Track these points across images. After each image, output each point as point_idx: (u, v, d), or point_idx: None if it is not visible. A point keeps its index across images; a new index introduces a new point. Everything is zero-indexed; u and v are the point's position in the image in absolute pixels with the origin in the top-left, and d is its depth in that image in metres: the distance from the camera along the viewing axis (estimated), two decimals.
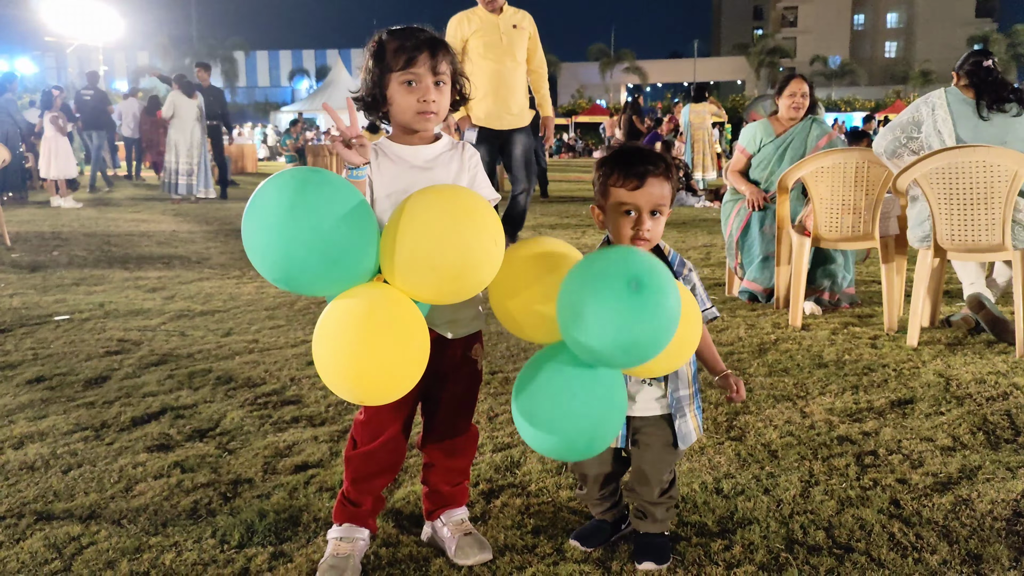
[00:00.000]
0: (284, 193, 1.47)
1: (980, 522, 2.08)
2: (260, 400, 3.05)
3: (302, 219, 1.45)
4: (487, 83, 5.50)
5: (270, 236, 1.46)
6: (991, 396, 3.05)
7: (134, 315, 4.49)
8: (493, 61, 5.60)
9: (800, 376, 3.33)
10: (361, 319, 1.50)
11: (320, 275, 1.50)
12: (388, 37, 1.80)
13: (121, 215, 10.18)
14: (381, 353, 1.50)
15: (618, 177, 1.74)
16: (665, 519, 1.91)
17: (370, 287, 1.56)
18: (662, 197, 1.74)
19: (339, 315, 1.52)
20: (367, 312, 1.51)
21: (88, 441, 2.65)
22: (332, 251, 1.47)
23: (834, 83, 58.54)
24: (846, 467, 2.42)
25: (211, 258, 6.64)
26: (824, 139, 4.78)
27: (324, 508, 2.17)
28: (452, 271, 1.51)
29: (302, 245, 1.45)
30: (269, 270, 1.49)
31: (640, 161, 1.74)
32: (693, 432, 1.88)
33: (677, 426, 1.85)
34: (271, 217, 1.46)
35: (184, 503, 2.21)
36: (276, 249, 1.46)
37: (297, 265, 1.47)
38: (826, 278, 4.65)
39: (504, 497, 2.24)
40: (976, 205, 3.59)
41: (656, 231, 1.77)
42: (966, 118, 3.81)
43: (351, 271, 1.53)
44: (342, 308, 1.53)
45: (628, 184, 1.73)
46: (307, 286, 1.53)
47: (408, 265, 1.51)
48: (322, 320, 1.54)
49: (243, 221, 1.49)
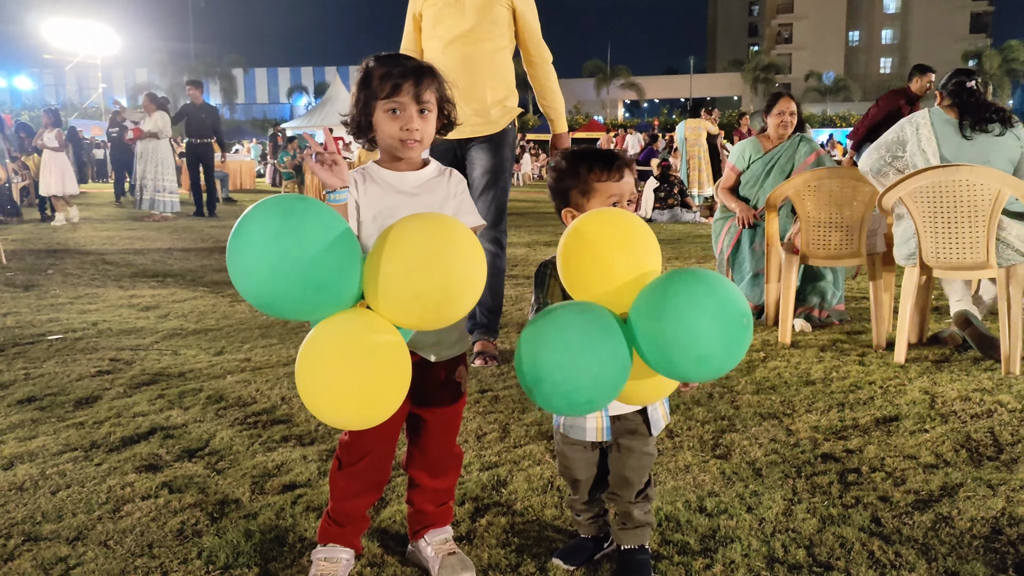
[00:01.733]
0: (269, 220, 1.50)
1: (959, 540, 2.10)
2: (250, 419, 3.07)
3: (286, 246, 1.47)
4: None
5: (254, 262, 1.48)
6: (975, 413, 3.07)
7: (127, 334, 4.51)
8: (442, 39, 3.88)
9: (787, 394, 3.35)
10: (343, 345, 1.52)
11: (303, 301, 1.52)
12: (375, 64, 1.83)
13: (117, 233, 10.21)
14: (362, 379, 1.52)
15: (601, 172, 1.85)
16: (644, 522, 1.95)
17: (353, 313, 1.58)
18: (635, 187, 1.90)
19: (321, 341, 1.55)
20: (349, 338, 1.53)
21: (77, 462, 2.66)
22: (315, 278, 1.50)
23: (829, 99, 58.87)
24: (829, 485, 2.44)
25: (206, 276, 6.67)
26: (812, 156, 4.83)
27: (310, 528, 2.18)
28: (435, 298, 1.53)
29: (285, 271, 1.47)
30: (253, 295, 1.52)
31: (612, 157, 1.88)
32: (662, 419, 1.95)
33: (649, 414, 1.92)
34: (255, 243, 1.48)
35: (171, 524, 2.22)
36: (260, 275, 1.49)
37: (280, 291, 1.49)
38: (815, 295, 4.69)
39: (490, 516, 2.26)
40: (960, 223, 3.63)
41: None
42: (949, 137, 3.85)
43: (334, 297, 1.55)
44: (324, 334, 1.55)
45: (614, 176, 1.84)
46: (290, 312, 1.55)
47: (391, 293, 1.53)
48: (304, 345, 1.56)
49: (228, 246, 1.52)
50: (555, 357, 1.54)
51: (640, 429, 1.91)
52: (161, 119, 11.86)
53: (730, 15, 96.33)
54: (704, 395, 3.33)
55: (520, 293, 5.72)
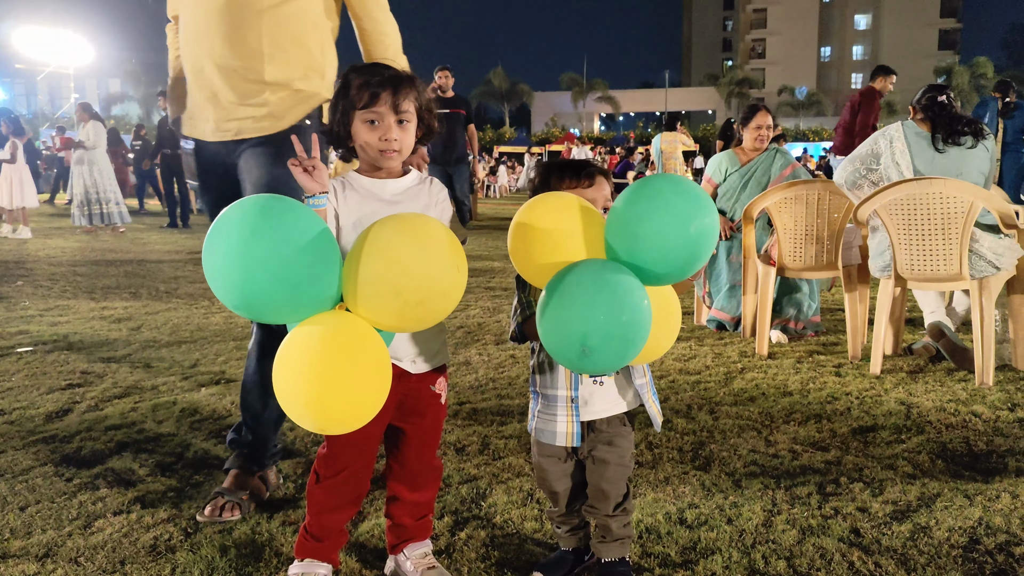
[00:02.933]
0: (245, 219, 1.48)
1: (938, 549, 2.11)
2: (225, 433, 3.01)
3: (263, 245, 1.45)
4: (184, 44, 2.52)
5: (231, 262, 1.46)
6: (951, 424, 3.10)
7: (99, 346, 4.44)
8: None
9: (766, 405, 3.36)
10: (321, 345, 1.50)
11: (280, 302, 1.50)
12: (353, 74, 1.82)
13: (88, 244, 10.07)
14: (342, 380, 1.50)
15: (571, 181, 1.87)
16: (623, 535, 1.94)
17: (331, 315, 1.56)
18: (609, 194, 1.88)
19: (299, 341, 1.52)
20: (328, 339, 1.51)
21: (47, 477, 2.60)
22: (293, 277, 1.48)
23: (802, 113, 59.61)
24: (808, 496, 2.45)
25: (179, 288, 6.59)
26: (788, 169, 4.87)
27: (287, 543, 2.15)
28: (415, 297, 1.51)
29: (262, 271, 1.45)
30: (229, 296, 1.49)
31: (583, 165, 1.89)
32: (656, 416, 1.95)
33: (649, 410, 1.93)
34: (232, 243, 1.46)
35: (144, 540, 2.17)
36: (237, 275, 1.46)
37: (257, 291, 1.47)
38: (792, 307, 4.72)
39: (469, 529, 2.24)
40: (934, 235, 3.67)
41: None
42: (922, 151, 3.90)
43: (312, 298, 1.53)
44: (303, 335, 1.53)
45: (583, 183, 1.86)
46: (268, 313, 1.53)
47: (371, 292, 1.52)
48: (283, 347, 1.54)
49: (204, 247, 1.49)
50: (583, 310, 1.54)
51: (615, 440, 1.89)
52: (94, 129, 11.42)
53: (705, 30, 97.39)
54: (683, 406, 3.33)
55: (498, 305, 5.70)
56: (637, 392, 1.92)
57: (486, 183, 23.79)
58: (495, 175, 25.80)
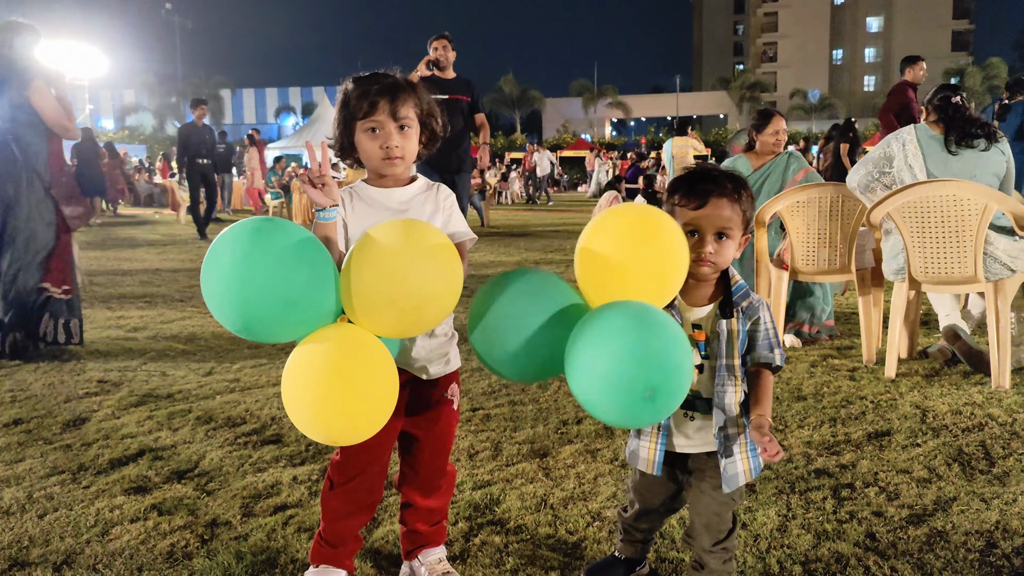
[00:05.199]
0: (237, 243, 1.49)
1: (954, 554, 2.09)
2: (240, 440, 3.04)
3: (256, 266, 1.46)
4: None
5: (226, 286, 1.47)
6: (967, 427, 3.08)
7: (115, 355, 4.48)
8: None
9: (779, 409, 3.35)
10: (324, 358, 1.51)
11: (279, 320, 1.50)
12: (352, 85, 1.83)
13: (103, 253, 10.16)
14: (347, 391, 1.51)
15: (681, 197, 1.70)
16: (720, 571, 1.76)
17: (334, 328, 1.57)
18: (728, 219, 1.67)
19: (305, 355, 1.53)
20: (330, 351, 1.52)
21: (65, 485, 2.63)
22: (288, 295, 1.48)
23: (814, 116, 59.40)
24: (823, 500, 2.44)
25: (194, 296, 6.63)
26: (801, 173, 4.85)
27: (302, 549, 2.16)
28: (410, 304, 1.51)
29: (257, 291, 1.46)
30: (229, 320, 1.50)
31: (704, 180, 1.69)
32: (742, 475, 1.71)
33: (723, 467, 1.70)
34: (225, 268, 1.48)
35: (161, 546, 2.19)
36: (233, 298, 1.47)
37: (255, 312, 1.48)
38: (805, 311, 4.70)
39: (483, 535, 2.24)
40: (948, 238, 3.65)
41: (722, 255, 1.69)
42: (935, 153, 3.89)
43: (311, 314, 1.54)
44: (308, 349, 1.54)
45: (690, 204, 1.68)
46: (269, 334, 1.53)
47: (366, 302, 1.52)
48: (289, 362, 1.55)
49: (201, 275, 1.51)
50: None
51: (711, 473, 1.73)
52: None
53: (715, 34, 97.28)
54: None
55: None
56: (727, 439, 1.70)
57: (497, 189, 23.82)
58: (506, 181, 25.84)
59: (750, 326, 1.70)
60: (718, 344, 1.68)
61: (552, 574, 2.03)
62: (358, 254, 1.52)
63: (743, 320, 1.69)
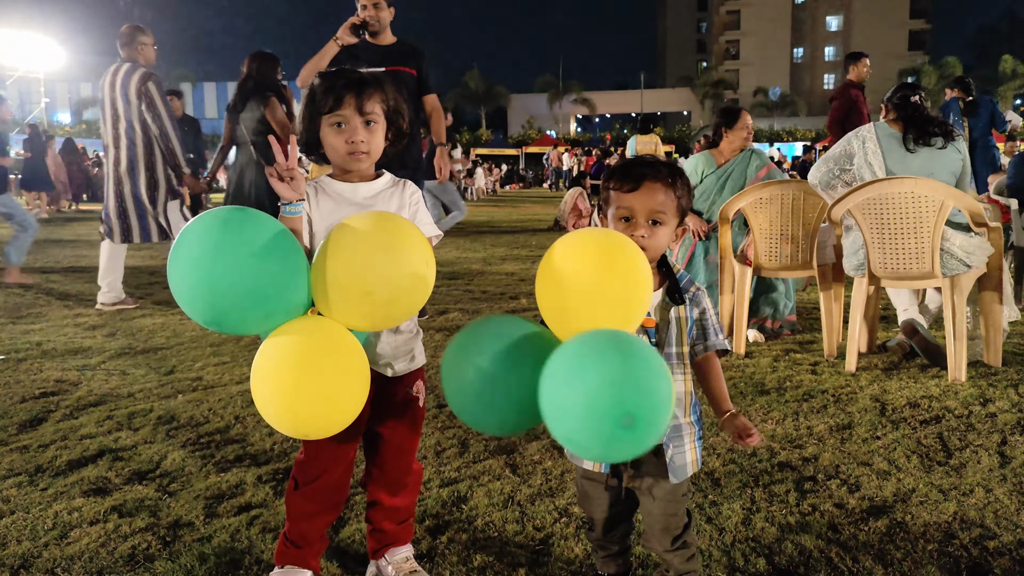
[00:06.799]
0: (206, 234, 1.47)
1: (914, 545, 2.13)
2: (203, 440, 3.00)
3: (225, 257, 1.45)
4: None
5: (195, 277, 1.45)
6: (925, 419, 3.14)
7: (73, 354, 4.39)
8: None
9: (743, 403, 3.39)
10: (294, 350, 1.50)
11: (249, 311, 1.49)
12: (318, 80, 1.82)
13: (61, 251, 9.95)
14: (318, 383, 1.49)
15: (616, 181, 1.69)
16: (687, 570, 1.74)
17: (304, 319, 1.56)
18: (661, 204, 1.64)
19: (273, 349, 1.52)
20: (300, 343, 1.50)
21: (22, 487, 2.57)
22: (258, 286, 1.46)
23: (775, 114, 60.17)
24: (786, 493, 2.47)
25: (154, 294, 6.52)
26: (763, 170, 4.91)
27: (267, 550, 2.13)
28: (384, 296, 1.51)
29: (227, 282, 1.44)
30: (198, 313, 1.48)
31: (640, 166, 1.68)
32: (689, 465, 1.68)
33: (670, 456, 1.65)
34: (194, 258, 1.46)
35: (121, 549, 2.15)
36: (202, 290, 1.45)
37: (225, 303, 1.46)
38: (768, 306, 4.76)
39: (450, 532, 2.24)
40: (906, 234, 3.72)
41: (655, 241, 1.65)
42: (894, 151, 3.96)
43: (281, 305, 1.52)
44: (279, 341, 1.52)
45: (624, 187, 1.66)
46: (238, 326, 1.51)
47: (339, 294, 1.51)
48: (259, 353, 1.53)
49: (168, 266, 1.48)
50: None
51: (658, 469, 1.67)
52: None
53: (679, 31, 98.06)
54: None
55: (477, 307, 5.70)
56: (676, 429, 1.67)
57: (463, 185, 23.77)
58: (472, 177, 25.79)
59: (697, 314, 1.70)
60: (667, 332, 1.67)
61: (520, 571, 2.03)
62: (333, 245, 1.51)
63: (690, 308, 1.69)
